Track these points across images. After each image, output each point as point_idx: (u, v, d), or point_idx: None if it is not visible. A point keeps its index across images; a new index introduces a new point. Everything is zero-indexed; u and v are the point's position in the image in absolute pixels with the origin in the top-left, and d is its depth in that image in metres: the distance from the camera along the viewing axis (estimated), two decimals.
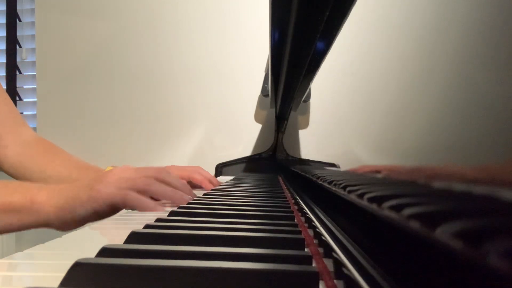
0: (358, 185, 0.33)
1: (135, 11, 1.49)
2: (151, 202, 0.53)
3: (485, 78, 0.16)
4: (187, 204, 0.54)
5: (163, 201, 0.57)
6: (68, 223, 0.53)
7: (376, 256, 0.27)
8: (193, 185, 0.84)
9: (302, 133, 0.85)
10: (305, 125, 0.81)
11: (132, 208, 0.53)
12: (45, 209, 0.52)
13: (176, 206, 0.53)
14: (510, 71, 0.14)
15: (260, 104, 1.44)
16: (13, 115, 0.88)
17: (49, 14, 1.52)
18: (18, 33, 1.63)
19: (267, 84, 1.30)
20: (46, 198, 0.52)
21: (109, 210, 0.53)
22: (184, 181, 0.62)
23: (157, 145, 1.47)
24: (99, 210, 0.52)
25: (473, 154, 0.17)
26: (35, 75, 1.56)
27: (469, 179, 0.17)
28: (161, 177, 0.57)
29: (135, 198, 0.52)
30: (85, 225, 0.47)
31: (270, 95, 1.14)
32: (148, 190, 0.54)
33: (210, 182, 0.87)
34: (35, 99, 1.56)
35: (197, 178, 0.85)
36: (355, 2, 0.42)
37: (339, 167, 0.47)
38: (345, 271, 0.25)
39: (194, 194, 0.62)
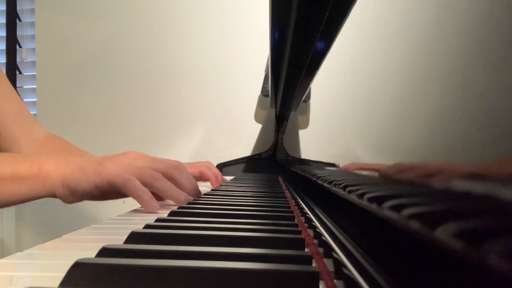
0: (358, 185, 0.33)
1: (135, 11, 1.49)
2: (146, 197, 0.51)
3: (485, 78, 0.16)
4: (187, 204, 0.54)
5: (167, 201, 0.57)
6: (72, 193, 0.52)
7: (376, 256, 0.27)
8: (200, 180, 0.85)
9: (302, 133, 0.85)
10: (305, 125, 0.81)
11: (129, 195, 0.52)
12: (52, 177, 0.52)
13: (176, 205, 0.52)
14: (510, 71, 0.14)
15: (260, 104, 1.44)
16: (24, 113, 0.88)
17: (49, 14, 1.52)
18: (18, 33, 1.63)
19: (267, 84, 1.30)
20: (53, 166, 0.52)
21: (109, 189, 0.52)
22: (195, 182, 0.61)
23: (157, 145, 1.47)
24: (100, 186, 0.52)
25: (473, 154, 0.17)
26: (35, 75, 1.56)
27: (465, 177, 0.17)
28: (170, 173, 0.56)
29: (134, 186, 0.51)
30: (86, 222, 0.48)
31: (270, 95, 1.14)
32: (152, 185, 0.53)
33: (216, 178, 0.88)
34: (35, 99, 1.56)
35: (207, 173, 0.86)
36: (355, 2, 0.42)
37: (339, 167, 0.47)
38: (345, 271, 0.25)
39: (200, 193, 0.61)
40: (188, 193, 0.57)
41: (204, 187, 0.97)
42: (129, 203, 0.70)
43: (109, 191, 0.53)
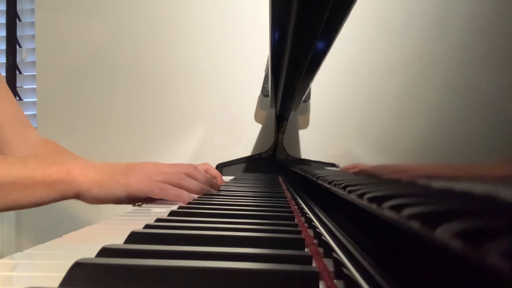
0: (358, 185, 0.33)
1: (135, 11, 1.49)
2: (185, 196, 0.58)
3: (486, 78, 0.16)
4: (187, 204, 0.54)
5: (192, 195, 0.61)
6: (101, 198, 0.57)
7: (376, 256, 0.27)
8: None
9: (302, 133, 0.85)
10: (305, 125, 0.81)
11: (169, 199, 0.58)
12: (79, 181, 0.56)
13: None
14: (510, 71, 0.14)
15: (260, 104, 1.44)
16: (20, 117, 0.88)
17: (49, 14, 1.52)
18: (18, 33, 1.63)
19: (267, 84, 1.30)
20: (81, 171, 0.57)
21: (141, 197, 0.58)
22: (210, 177, 0.68)
23: (157, 145, 1.47)
24: (134, 195, 0.57)
25: (474, 154, 0.17)
26: (35, 75, 1.56)
27: (461, 177, 0.17)
28: (190, 173, 0.62)
29: (171, 191, 0.58)
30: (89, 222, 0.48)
31: (270, 95, 1.14)
32: (179, 185, 0.59)
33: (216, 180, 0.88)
34: (35, 99, 1.56)
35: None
36: (355, 2, 0.42)
37: (339, 167, 0.47)
38: (345, 271, 0.25)
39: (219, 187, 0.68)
40: (210, 186, 0.65)
41: None
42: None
43: (139, 199, 0.59)
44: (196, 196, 0.61)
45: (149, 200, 0.61)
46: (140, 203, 0.98)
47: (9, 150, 0.83)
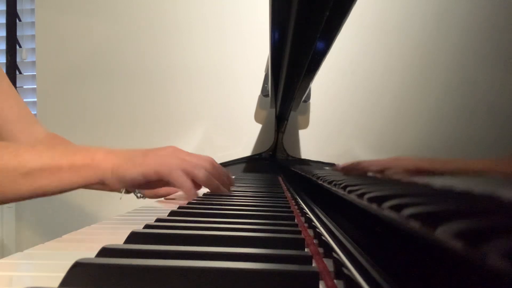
0: (358, 185, 0.33)
1: (135, 11, 1.49)
2: (188, 185, 0.59)
3: (485, 78, 0.16)
4: (187, 204, 0.54)
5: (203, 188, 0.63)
6: (120, 180, 0.59)
7: (376, 256, 0.27)
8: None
9: (302, 133, 0.85)
10: (305, 125, 0.81)
11: (173, 182, 0.60)
12: (102, 166, 0.58)
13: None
14: (510, 71, 0.14)
15: (260, 104, 1.44)
16: (24, 113, 0.89)
17: (49, 14, 1.52)
18: (18, 33, 1.63)
19: (267, 84, 1.30)
20: (104, 157, 0.59)
21: (154, 177, 0.59)
22: (228, 173, 0.69)
23: (157, 145, 1.46)
24: (147, 175, 0.59)
25: (473, 154, 0.17)
26: (35, 75, 1.56)
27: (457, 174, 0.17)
28: (207, 166, 0.63)
29: (178, 175, 0.59)
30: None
31: (270, 95, 1.14)
32: (192, 174, 0.60)
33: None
34: (35, 99, 1.56)
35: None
36: (355, 2, 0.42)
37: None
38: (345, 271, 0.25)
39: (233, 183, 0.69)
40: (223, 183, 0.66)
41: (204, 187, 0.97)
42: (127, 203, 0.70)
43: (154, 180, 0.60)
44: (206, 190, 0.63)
45: (161, 184, 0.63)
46: (142, 195, 0.98)
47: None
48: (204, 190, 0.83)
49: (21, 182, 0.55)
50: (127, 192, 1.01)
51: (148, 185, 0.62)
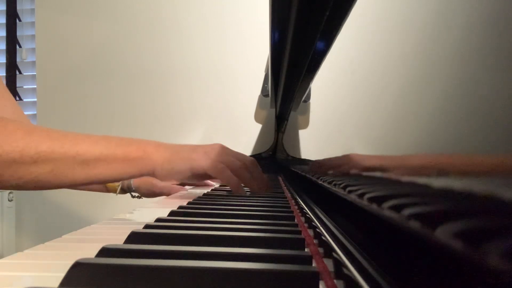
0: (358, 185, 0.33)
1: (135, 11, 1.49)
2: (236, 183, 0.64)
3: (486, 78, 0.16)
4: (187, 204, 0.54)
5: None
6: (169, 173, 0.61)
7: (376, 256, 0.27)
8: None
9: (302, 133, 0.85)
10: (305, 125, 0.81)
11: (222, 181, 0.65)
12: (154, 158, 0.61)
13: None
14: (510, 71, 0.14)
15: (260, 104, 1.44)
16: (18, 112, 0.92)
17: (49, 14, 1.52)
18: (18, 33, 1.63)
19: (267, 84, 1.30)
20: (155, 150, 0.61)
21: (202, 173, 0.63)
22: (265, 177, 0.72)
23: None
24: (195, 170, 0.62)
25: (473, 154, 0.17)
26: (35, 75, 1.56)
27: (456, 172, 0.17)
28: (249, 167, 0.68)
29: (227, 175, 0.64)
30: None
31: (270, 95, 1.14)
32: (238, 174, 0.65)
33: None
34: (35, 99, 1.56)
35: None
36: (355, 2, 0.42)
37: None
38: (345, 271, 0.25)
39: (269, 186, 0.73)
40: (261, 185, 0.70)
41: (204, 188, 0.97)
42: (127, 203, 0.70)
43: (201, 175, 0.64)
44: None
45: (203, 177, 0.66)
46: (138, 196, 0.99)
47: None
48: (204, 190, 0.83)
49: (78, 170, 0.57)
50: (123, 192, 1.02)
51: (195, 179, 0.66)
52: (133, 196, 1.01)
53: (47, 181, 0.55)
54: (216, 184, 0.97)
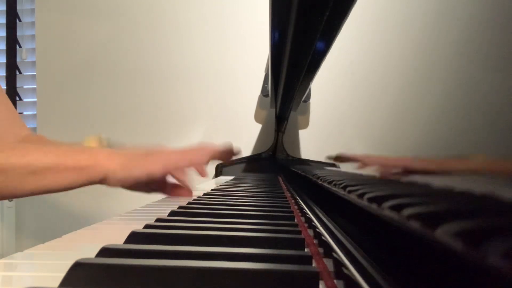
0: (358, 185, 0.33)
1: (135, 12, 1.49)
2: (187, 182, 0.68)
3: (485, 78, 0.16)
4: (187, 204, 0.54)
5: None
6: (123, 180, 0.63)
7: (376, 256, 0.27)
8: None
9: (302, 133, 0.85)
10: (305, 125, 0.81)
11: (178, 180, 0.68)
12: (105, 167, 0.61)
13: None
14: (510, 71, 0.14)
15: (260, 104, 1.44)
16: (13, 113, 0.93)
17: (49, 14, 1.52)
18: (18, 33, 1.63)
19: (267, 84, 1.30)
20: (107, 158, 0.62)
21: (157, 176, 0.65)
22: (227, 146, 0.75)
23: None
24: (152, 174, 0.64)
25: (473, 154, 0.17)
26: (35, 75, 1.56)
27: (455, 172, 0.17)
28: (207, 158, 0.70)
29: (183, 174, 0.67)
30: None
31: (270, 95, 1.14)
32: (196, 170, 0.69)
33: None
34: (35, 99, 1.56)
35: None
36: (355, 3, 0.42)
37: (339, 167, 0.47)
38: (345, 271, 0.25)
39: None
40: (228, 158, 0.75)
41: (203, 188, 0.97)
42: (127, 203, 0.70)
43: (156, 180, 0.66)
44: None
45: (158, 183, 0.69)
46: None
47: None
48: (204, 190, 0.82)
49: (28, 180, 0.57)
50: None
51: (149, 186, 0.67)
52: None
53: None
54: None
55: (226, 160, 0.75)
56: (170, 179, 0.71)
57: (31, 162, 0.57)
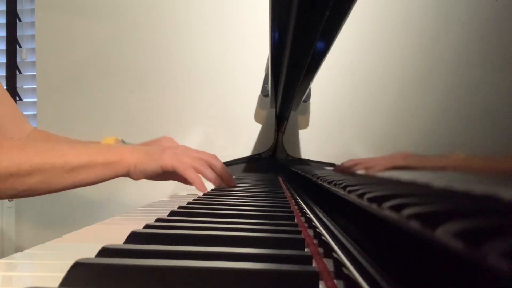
0: (358, 185, 0.33)
1: (135, 12, 1.49)
2: (199, 181, 0.73)
3: (485, 78, 0.16)
4: (187, 204, 0.54)
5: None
6: (142, 173, 0.71)
7: (376, 256, 0.27)
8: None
9: (302, 133, 0.85)
10: (305, 125, 0.81)
11: (187, 178, 0.72)
12: (128, 161, 0.70)
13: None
14: (510, 71, 0.14)
15: (260, 104, 1.44)
16: (17, 112, 0.97)
17: (49, 14, 1.52)
18: (18, 33, 1.63)
19: (267, 84, 1.30)
20: (129, 154, 0.71)
21: (171, 171, 0.71)
22: (229, 171, 0.80)
23: None
24: (165, 168, 0.71)
25: (473, 154, 0.17)
26: (35, 75, 1.56)
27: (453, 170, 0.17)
28: (211, 163, 0.76)
29: (192, 173, 0.72)
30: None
31: (270, 95, 1.14)
32: (199, 170, 0.74)
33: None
34: (35, 99, 1.56)
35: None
36: (355, 2, 0.42)
37: None
38: (345, 271, 0.25)
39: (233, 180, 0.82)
40: (225, 180, 0.79)
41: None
42: (127, 203, 0.70)
43: (170, 173, 0.73)
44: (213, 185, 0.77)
45: (171, 175, 0.75)
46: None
47: None
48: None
49: (66, 177, 0.66)
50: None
51: (166, 177, 0.75)
52: None
53: (39, 189, 0.64)
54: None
55: (224, 180, 0.79)
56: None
57: (68, 161, 0.65)
